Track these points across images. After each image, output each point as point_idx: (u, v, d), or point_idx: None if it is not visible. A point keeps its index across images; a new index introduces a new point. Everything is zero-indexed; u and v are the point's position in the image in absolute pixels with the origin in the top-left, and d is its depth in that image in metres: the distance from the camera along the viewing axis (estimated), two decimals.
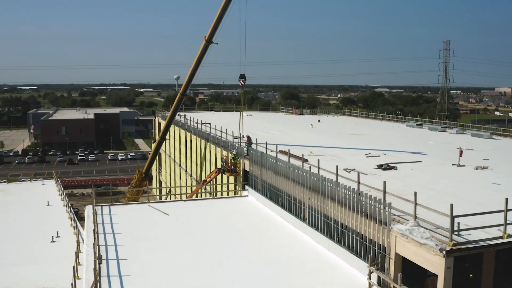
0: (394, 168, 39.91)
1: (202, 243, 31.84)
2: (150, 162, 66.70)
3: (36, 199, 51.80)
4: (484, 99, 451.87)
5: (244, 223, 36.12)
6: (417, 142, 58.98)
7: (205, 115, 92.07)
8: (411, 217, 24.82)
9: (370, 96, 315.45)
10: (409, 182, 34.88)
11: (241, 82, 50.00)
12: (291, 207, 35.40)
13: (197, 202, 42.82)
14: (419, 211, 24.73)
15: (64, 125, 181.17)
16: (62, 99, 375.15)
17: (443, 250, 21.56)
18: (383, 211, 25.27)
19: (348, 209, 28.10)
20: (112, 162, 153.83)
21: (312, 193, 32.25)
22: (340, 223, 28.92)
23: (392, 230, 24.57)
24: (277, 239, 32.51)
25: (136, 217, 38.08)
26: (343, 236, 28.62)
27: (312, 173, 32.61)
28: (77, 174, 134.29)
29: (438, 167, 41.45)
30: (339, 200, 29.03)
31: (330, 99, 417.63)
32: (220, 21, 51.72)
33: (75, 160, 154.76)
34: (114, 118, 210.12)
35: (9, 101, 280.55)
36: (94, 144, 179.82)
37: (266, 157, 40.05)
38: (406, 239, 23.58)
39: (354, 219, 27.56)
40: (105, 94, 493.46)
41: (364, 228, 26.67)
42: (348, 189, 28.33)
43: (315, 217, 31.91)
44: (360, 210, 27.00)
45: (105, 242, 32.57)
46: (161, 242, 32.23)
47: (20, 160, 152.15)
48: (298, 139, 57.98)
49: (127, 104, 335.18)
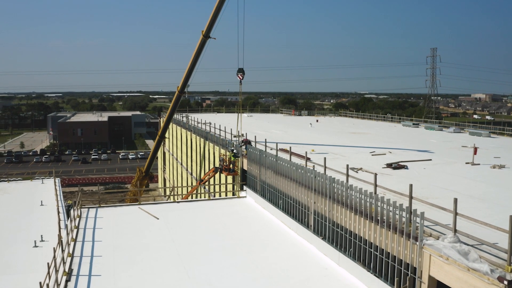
0: (404, 167, 32.33)
1: (190, 255, 24.21)
2: (150, 161, 59.20)
3: (31, 199, 44.05)
4: (462, 103, 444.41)
5: (240, 230, 28.44)
6: (419, 140, 51.36)
7: (208, 116, 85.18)
8: (446, 228, 17.44)
9: (360, 101, 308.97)
10: (426, 183, 27.31)
11: (239, 76, 42.39)
12: (294, 212, 27.81)
13: (191, 204, 35.06)
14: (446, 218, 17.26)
15: (79, 127, 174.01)
16: (83, 105, 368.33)
17: (503, 279, 14.07)
18: (412, 222, 17.73)
19: (364, 217, 20.52)
20: (122, 161, 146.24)
21: (318, 196, 24.67)
22: (354, 234, 21.33)
23: (425, 247, 17.03)
24: (277, 250, 24.86)
25: (122, 222, 30.53)
26: (358, 249, 21.03)
27: (318, 173, 24.97)
28: (89, 172, 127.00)
29: (451, 165, 33.91)
30: (352, 206, 21.46)
31: (324, 104, 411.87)
32: (217, 16, 44.29)
33: (88, 159, 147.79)
34: (127, 121, 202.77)
35: (33, 105, 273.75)
36: (107, 144, 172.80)
37: (266, 155, 32.48)
38: (445, 259, 16.07)
39: (372, 230, 19.98)
40: (122, 100, 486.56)
41: (385, 241, 19.08)
42: (363, 193, 20.73)
43: (321, 225, 24.33)
44: (381, 219, 19.41)
45: (81, 252, 25.11)
46: (143, 253, 24.64)
47: (37, 159, 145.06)
48: (298, 138, 50.50)
49: (141, 108, 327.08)
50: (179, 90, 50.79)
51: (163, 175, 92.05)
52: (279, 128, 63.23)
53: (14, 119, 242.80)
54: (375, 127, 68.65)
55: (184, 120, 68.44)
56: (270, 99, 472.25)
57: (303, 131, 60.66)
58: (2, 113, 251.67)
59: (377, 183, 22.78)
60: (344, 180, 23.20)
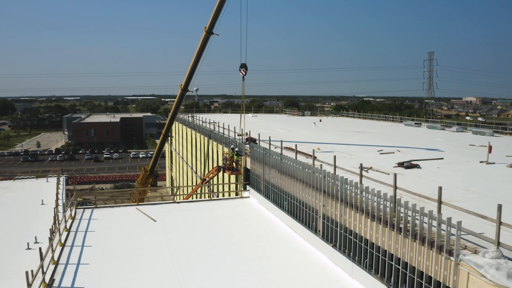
0: (417, 166, 28.32)
1: (186, 264, 20.29)
2: (154, 159, 55.27)
3: (33, 198, 40.22)
4: (455, 106, 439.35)
5: (242, 235, 24.43)
6: (424, 139, 47.29)
7: (214, 116, 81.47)
8: (484, 240, 13.54)
9: (359, 103, 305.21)
10: (444, 183, 23.23)
11: (242, 72, 38.38)
12: (300, 214, 23.85)
13: (191, 204, 31.10)
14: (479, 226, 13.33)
15: (93, 127, 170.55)
16: (98, 107, 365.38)
17: None
18: (446, 232, 13.79)
19: (383, 225, 16.57)
20: (133, 160, 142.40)
21: (327, 198, 20.72)
22: (370, 243, 17.39)
23: (462, 263, 13.09)
24: (283, 258, 20.90)
25: (116, 224, 26.66)
26: (375, 260, 17.08)
27: (327, 173, 20.99)
28: (101, 171, 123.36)
29: (465, 164, 29.90)
30: (367, 211, 17.50)
31: (325, 106, 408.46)
32: (219, 12, 40.30)
33: (100, 158, 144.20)
34: (138, 122, 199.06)
35: (50, 108, 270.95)
36: (119, 144, 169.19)
37: (270, 154, 28.54)
38: (490, 280, 12.14)
39: (393, 239, 16.03)
40: (135, 102, 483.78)
41: (409, 254, 15.14)
42: (382, 196, 16.78)
43: (332, 230, 20.36)
44: (404, 228, 15.46)
45: (67, 259, 21.28)
46: (134, 261, 20.74)
47: (52, 158, 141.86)
48: (302, 136, 46.53)
49: (153, 110, 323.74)
50: (182, 88, 46.83)
51: (170, 174, 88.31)
52: (283, 127, 59.29)
53: (32, 120, 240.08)
54: (378, 127, 64.57)
55: (190, 120, 64.77)
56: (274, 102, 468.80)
57: (307, 130, 56.67)
58: (21, 115, 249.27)
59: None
60: (355, 180, 19.24)
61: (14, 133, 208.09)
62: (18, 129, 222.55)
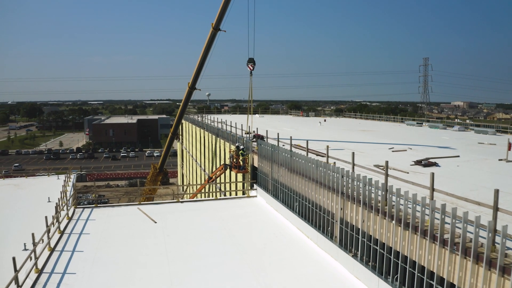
0: (435, 164, 24.01)
1: (183, 276, 16.10)
2: (163, 157, 51.24)
3: (41, 195, 36.24)
4: (445, 110, 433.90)
5: (248, 239, 20.17)
6: (431, 137, 42.88)
7: (223, 116, 77.40)
8: None
9: (357, 107, 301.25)
10: (471, 183, 19.04)
11: (249, 67, 34.16)
12: (313, 217, 19.60)
13: (195, 204, 26.89)
14: None
15: (111, 128, 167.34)
16: (119, 110, 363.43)
17: None
18: (500, 247, 9.54)
19: (420, 235, 12.32)
20: (148, 158, 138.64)
21: (346, 201, 16.48)
22: (401, 255, 13.13)
23: None
24: (294, 269, 16.62)
25: (114, 227, 22.54)
26: (409, 277, 12.82)
27: (346, 172, 16.72)
28: (117, 168, 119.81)
29: (485, 162, 25.56)
30: (398, 218, 13.26)
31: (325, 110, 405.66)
32: (226, 8, 36.16)
33: (118, 156, 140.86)
34: (154, 123, 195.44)
35: (74, 110, 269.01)
36: (136, 143, 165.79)
37: (278, 151, 24.32)
38: None
39: (433, 253, 11.77)
40: (152, 106, 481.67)
41: (459, 274, 10.88)
42: (417, 202, 12.53)
43: (351, 237, 16.12)
44: (451, 242, 11.20)
45: (53, 267, 17.23)
46: (127, 272, 16.61)
47: (73, 156, 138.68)
48: (309, 135, 42.27)
49: (168, 113, 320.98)
50: (190, 86, 42.69)
51: (181, 171, 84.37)
52: (289, 126, 55.07)
53: (57, 121, 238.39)
54: (381, 126, 60.12)
55: (199, 119, 60.79)
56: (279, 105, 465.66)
57: (313, 129, 52.38)
58: (47, 117, 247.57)
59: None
60: (375, 179, 15.00)
61: (40, 134, 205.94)
62: (44, 130, 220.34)
